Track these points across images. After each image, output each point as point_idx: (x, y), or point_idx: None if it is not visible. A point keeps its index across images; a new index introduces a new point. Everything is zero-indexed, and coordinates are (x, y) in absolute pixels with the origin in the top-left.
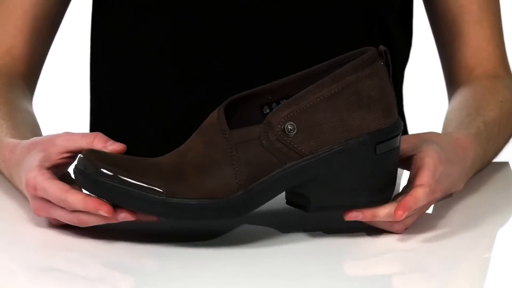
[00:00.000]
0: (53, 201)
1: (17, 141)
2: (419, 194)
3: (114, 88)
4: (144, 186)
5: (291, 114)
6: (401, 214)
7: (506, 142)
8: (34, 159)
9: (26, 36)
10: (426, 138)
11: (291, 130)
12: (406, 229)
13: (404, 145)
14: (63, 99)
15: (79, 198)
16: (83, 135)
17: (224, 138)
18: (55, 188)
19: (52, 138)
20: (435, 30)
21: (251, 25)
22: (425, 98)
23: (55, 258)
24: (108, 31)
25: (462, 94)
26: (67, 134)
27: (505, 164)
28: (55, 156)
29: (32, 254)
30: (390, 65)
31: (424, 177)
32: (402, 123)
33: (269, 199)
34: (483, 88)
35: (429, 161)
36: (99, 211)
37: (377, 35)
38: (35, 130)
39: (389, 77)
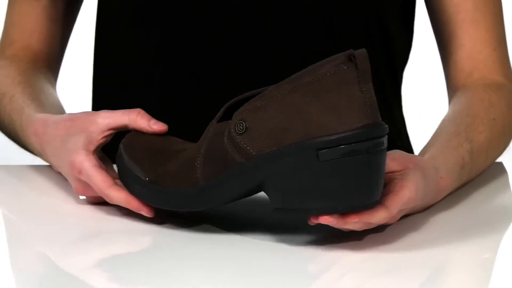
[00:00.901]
0: (95, 190)
1: (48, 115)
2: (378, 215)
3: (115, 91)
4: (135, 175)
5: (244, 113)
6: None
7: (492, 162)
8: (78, 140)
9: (41, 35)
10: (417, 167)
11: (241, 129)
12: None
13: (395, 163)
14: (64, 100)
15: (121, 196)
16: (124, 112)
17: (209, 131)
18: (99, 180)
19: (91, 116)
20: (434, 31)
21: (250, 26)
22: (426, 99)
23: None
24: (109, 35)
25: (457, 103)
26: (107, 112)
27: (499, 164)
28: (97, 135)
29: (69, 228)
30: (364, 70)
31: (392, 204)
32: (376, 129)
33: (230, 198)
34: (478, 102)
35: (406, 194)
36: (141, 212)
37: (376, 35)
38: (60, 110)
39: (359, 82)
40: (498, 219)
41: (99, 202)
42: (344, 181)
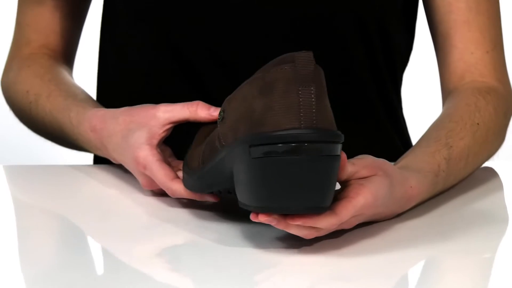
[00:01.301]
0: (158, 184)
1: (102, 110)
2: (325, 220)
3: (119, 96)
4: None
5: (225, 102)
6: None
7: (475, 168)
8: (140, 136)
9: (57, 34)
10: (386, 174)
11: (221, 118)
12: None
13: (365, 171)
14: None
15: (184, 190)
16: (183, 105)
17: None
18: (162, 174)
19: (151, 111)
20: (430, 31)
21: (250, 26)
22: (427, 100)
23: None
24: (112, 41)
25: (445, 107)
26: (166, 105)
27: (490, 169)
28: (159, 130)
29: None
30: (305, 73)
31: (343, 210)
32: (317, 133)
33: (219, 185)
34: (464, 106)
35: (359, 201)
36: (205, 199)
37: (375, 37)
38: (96, 103)
39: (296, 84)
40: (484, 221)
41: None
42: (270, 182)
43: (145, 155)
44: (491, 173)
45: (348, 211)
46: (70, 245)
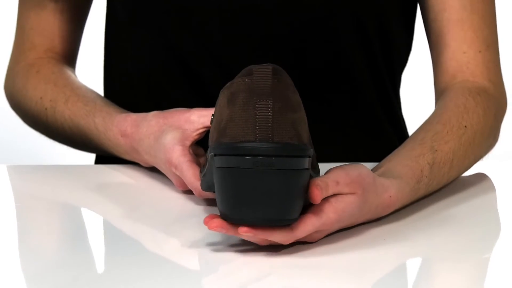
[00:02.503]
0: (186, 183)
1: (132, 114)
2: (277, 234)
3: (124, 98)
4: None
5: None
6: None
7: (461, 172)
8: (174, 137)
9: (62, 37)
10: (364, 192)
11: (211, 120)
12: None
13: (347, 188)
14: None
15: (209, 192)
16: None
17: None
18: (191, 174)
19: (185, 114)
20: (425, 30)
21: (250, 26)
22: (426, 101)
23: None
24: (115, 44)
25: (436, 107)
26: (200, 110)
27: (483, 175)
28: (192, 133)
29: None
30: (262, 86)
31: (300, 227)
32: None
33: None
34: (452, 107)
35: (319, 220)
36: None
37: (374, 38)
38: (113, 105)
39: (252, 98)
40: (477, 221)
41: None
42: (229, 192)
43: (177, 155)
44: (483, 175)
45: (306, 227)
46: (71, 244)
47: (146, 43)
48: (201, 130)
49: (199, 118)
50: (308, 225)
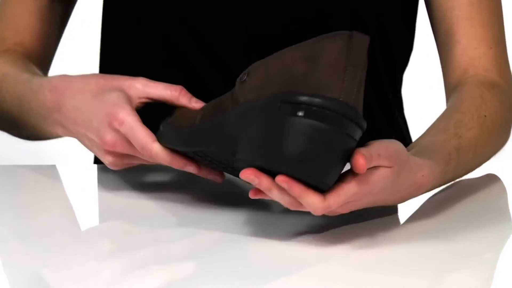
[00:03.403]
0: (135, 145)
1: (58, 76)
2: (310, 198)
3: None
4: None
5: (252, 65)
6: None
7: (483, 160)
8: (120, 96)
9: (34, 35)
10: (397, 168)
11: (243, 78)
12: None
13: (386, 162)
14: None
15: (166, 153)
16: (166, 86)
17: None
18: (143, 134)
19: (129, 80)
20: (433, 29)
21: (250, 26)
22: (428, 100)
23: None
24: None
25: (451, 101)
26: (147, 80)
27: (494, 176)
28: (135, 99)
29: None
30: (357, 53)
31: (331, 197)
32: (353, 112)
33: (215, 143)
34: (470, 98)
35: (351, 190)
36: (186, 169)
37: (375, 38)
38: None
39: (345, 61)
40: (488, 222)
41: (123, 166)
42: (288, 140)
43: (126, 112)
44: (494, 176)
45: (339, 197)
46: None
47: (144, 43)
48: (143, 100)
49: (144, 87)
50: (341, 195)
